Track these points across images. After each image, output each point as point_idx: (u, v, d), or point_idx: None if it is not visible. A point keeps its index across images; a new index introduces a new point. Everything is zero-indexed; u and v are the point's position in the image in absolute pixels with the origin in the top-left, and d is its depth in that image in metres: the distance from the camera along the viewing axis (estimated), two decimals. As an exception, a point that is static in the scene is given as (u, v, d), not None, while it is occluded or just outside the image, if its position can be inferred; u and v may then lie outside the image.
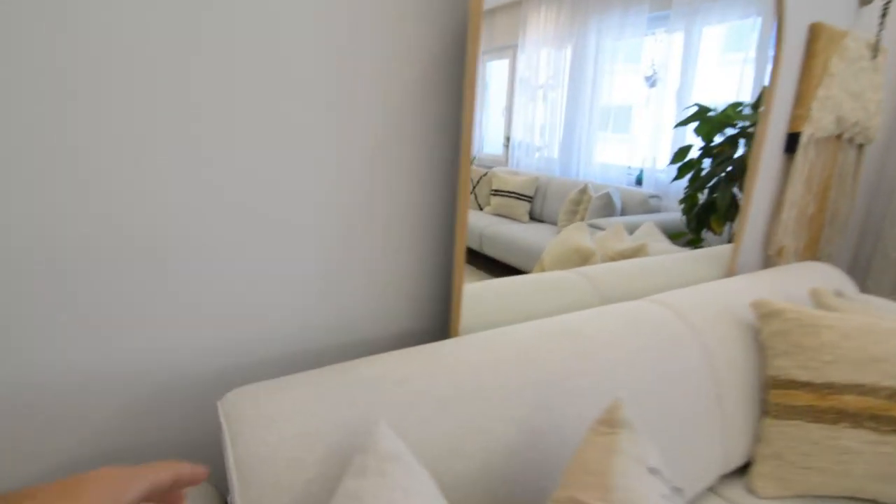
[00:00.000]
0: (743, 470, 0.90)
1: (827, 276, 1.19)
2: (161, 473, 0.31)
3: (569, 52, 1.03)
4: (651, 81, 1.17)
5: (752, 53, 1.21)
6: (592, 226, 1.19)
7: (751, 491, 0.84)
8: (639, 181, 1.24)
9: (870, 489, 0.77)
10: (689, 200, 1.39)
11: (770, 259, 1.43)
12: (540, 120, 1.05)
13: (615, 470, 0.49)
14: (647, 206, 1.26)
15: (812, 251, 1.54)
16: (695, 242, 1.38)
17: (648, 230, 1.30)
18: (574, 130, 1.08)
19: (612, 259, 1.21)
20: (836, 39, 1.30)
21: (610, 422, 0.55)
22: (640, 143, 1.18)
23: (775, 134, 1.32)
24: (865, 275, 1.84)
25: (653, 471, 0.49)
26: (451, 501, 0.57)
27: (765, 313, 0.88)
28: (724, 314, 0.92)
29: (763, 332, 0.88)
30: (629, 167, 1.19)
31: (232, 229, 0.63)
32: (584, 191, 1.17)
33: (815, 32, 1.26)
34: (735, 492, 0.85)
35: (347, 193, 0.70)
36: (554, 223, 1.19)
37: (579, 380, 0.69)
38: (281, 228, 0.66)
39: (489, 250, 1.16)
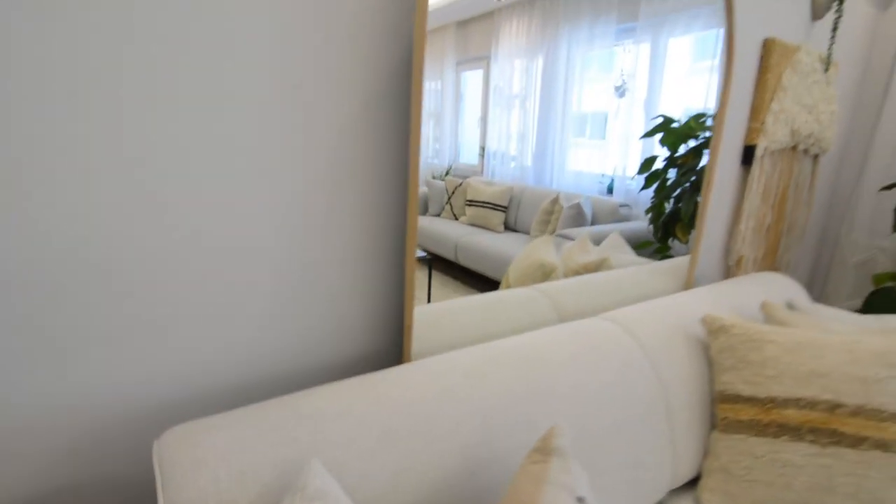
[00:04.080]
0: (693, 483, 0.92)
1: (781, 287, 1.22)
2: None
3: (540, 61, 1.05)
4: (620, 92, 1.19)
5: (717, 62, 1.24)
6: (563, 236, 1.23)
7: (699, 504, 0.86)
8: (610, 190, 1.26)
9: (812, 502, 0.80)
10: (655, 210, 1.42)
11: (730, 269, 1.47)
12: (514, 129, 1.06)
13: (544, 501, 0.49)
14: (618, 214, 1.29)
15: (771, 260, 1.58)
16: (662, 251, 1.40)
17: (614, 241, 1.33)
18: (547, 139, 1.10)
19: (576, 272, 1.23)
20: (789, 54, 1.34)
21: (544, 449, 0.56)
22: (609, 150, 1.21)
23: (732, 146, 1.36)
24: (825, 281, 1.90)
25: (580, 500, 0.50)
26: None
27: (714, 329, 0.90)
28: (676, 330, 0.93)
29: (712, 347, 0.90)
30: (602, 175, 1.22)
31: (179, 255, 0.62)
32: (555, 201, 1.20)
33: (768, 48, 1.30)
34: (684, 505, 0.87)
35: (298, 216, 0.69)
36: (528, 233, 1.20)
37: (526, 406, 0.70)
38: (232, 254, 0.65)
39: (464, 260, 1.17)
